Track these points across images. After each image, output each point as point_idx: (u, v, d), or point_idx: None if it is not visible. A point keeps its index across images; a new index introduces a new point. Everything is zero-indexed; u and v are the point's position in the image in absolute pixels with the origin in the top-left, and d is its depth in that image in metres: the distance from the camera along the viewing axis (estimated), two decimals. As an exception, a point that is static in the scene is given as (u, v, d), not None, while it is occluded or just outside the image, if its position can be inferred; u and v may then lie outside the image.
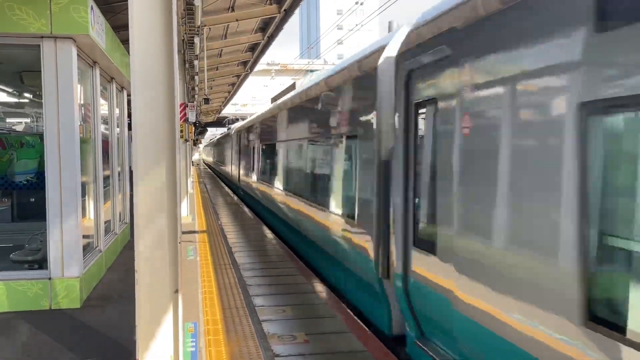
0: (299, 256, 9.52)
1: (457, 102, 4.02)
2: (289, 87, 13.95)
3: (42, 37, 5.98)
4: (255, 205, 17.13)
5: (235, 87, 30.19)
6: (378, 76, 5.57)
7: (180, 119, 6.04)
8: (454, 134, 4.07)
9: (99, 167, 7.83)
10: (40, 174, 6.59)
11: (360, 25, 20.88)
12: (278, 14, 14.25)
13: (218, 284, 7.30)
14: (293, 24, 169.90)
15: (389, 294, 5.58)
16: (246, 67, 22.80)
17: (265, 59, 52.48)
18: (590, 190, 2.78)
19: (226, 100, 38.37)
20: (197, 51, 12.65)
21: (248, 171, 18.09)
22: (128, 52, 4.16)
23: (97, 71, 7.74)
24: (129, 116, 4.40)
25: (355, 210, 6.36)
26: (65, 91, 6.11)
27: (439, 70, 4.35)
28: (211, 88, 25.46)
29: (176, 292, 3.45)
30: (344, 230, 6.85)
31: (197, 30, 11.15)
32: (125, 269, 8.08)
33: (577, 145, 2.85)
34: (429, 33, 4.59)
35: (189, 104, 15.07)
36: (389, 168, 5.35)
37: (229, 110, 54.35)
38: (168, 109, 3.40)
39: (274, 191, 12.82)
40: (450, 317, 4.16)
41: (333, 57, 65.82)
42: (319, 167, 8.58)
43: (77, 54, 6.35)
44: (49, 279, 6.17)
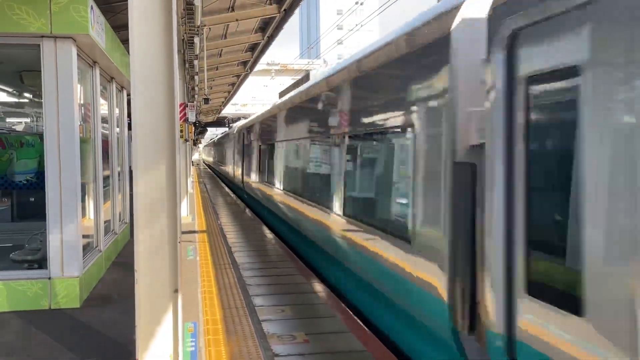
0: (330, 286, 7.51)
1: (624, 72, 2.58)
2: (302, 78, 12.81)
3: (42, 36, 5.99)
4: (266, 214, 14.57)
5: (235, 87, 30.21)
6: (452, 44, 4.20)
7: (180, 119, 6.04)
8: (620, 120, 2.60)
9: (98, 167, 7.83)
10: (40, 174, 6.59)
11: (360, 25, 20.91)
12: (278, 14, 14.27)
13: (218, 283, 7.30)
14: (293, 24, 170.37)
15: (470, 355, 4.04)
16: (246, 67, 22.82)
17: (265, 59, 52.67)
18: None
19: (226, 100, 38.39)
20: (197, 51, 12.66)
21: (261, 174, 14.95)
22: (128, 52, 4.16)
23: (97, 71, 7.74)
24: (129, 116, 4.39)
25: (411, 229, 4.78)
26: (65, 91, 6.11)
27: (586, 22, 2.79)
28: (211, 88, 25.46)
29: (176, 291, 3.46)
30: (395, 256, 5.13)
31: (197, 30, 11.16)
32: (125, 269, 8.08)
33: None
34: None
35: (189, 104, 15.07)
36: (477, 172, 3.88)
37: (229, 110, 54.35)
38: (168, 108, 3.41)
39: (290, 200, 10.61)
40: None
41: (333, 57, 65.82)
42: (353, 171, 6.78)
43: (77, 54, 6.35)
44: (49, 278, 6.18)
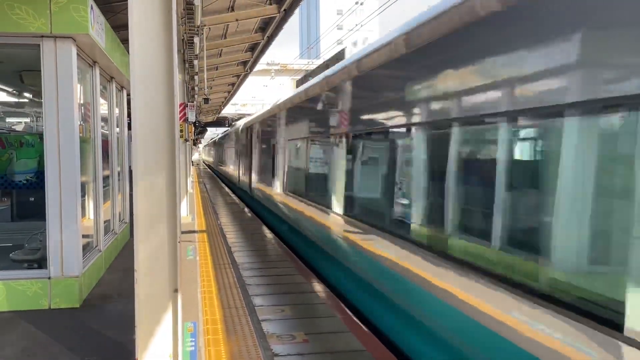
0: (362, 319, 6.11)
1: None
2: (320, 66, 10.85)
3: (42, 36, 5.98)
4: (286, 231, 11.81)
5: (235, 87, 30.19)
6: None
7: (180, 119, 6.05)
8: None
9: (98, 167, 7.83)
10: (40, 174, 6.59)
11: (360, 25, 20.91)
12: (278, 14, 14.27)
13: (217, 283, 7.30)
14: (293, 24, 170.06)
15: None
16: (246, 67, 22.81)
17: (265, 59, 52.62)
18: None
19: (226, 100, 38.36)
20: (197, 51, 12.66)
21: (283, 181, 11.79)
22: (128, 52, 4.16)
23: (97, 71, 7.74)
24: (129, 116, 4.40)
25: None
26: (65, 91, 6.11)
27: None
28: (211, 88, 25.44)
29: (176, 291, 3.47)
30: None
31: (197, 30, 11.17)
32: (125, 269, 8.07)
33: None
34: None
35: (188, 103, 15.07)
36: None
37: (228, 110, 54.34)
38: (168, 108, 3.41)
39: (313, 212, 8.72)
40: None
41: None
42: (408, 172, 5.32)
43: (77, 54, 6.35)
44: (49, 278, 6.18)
